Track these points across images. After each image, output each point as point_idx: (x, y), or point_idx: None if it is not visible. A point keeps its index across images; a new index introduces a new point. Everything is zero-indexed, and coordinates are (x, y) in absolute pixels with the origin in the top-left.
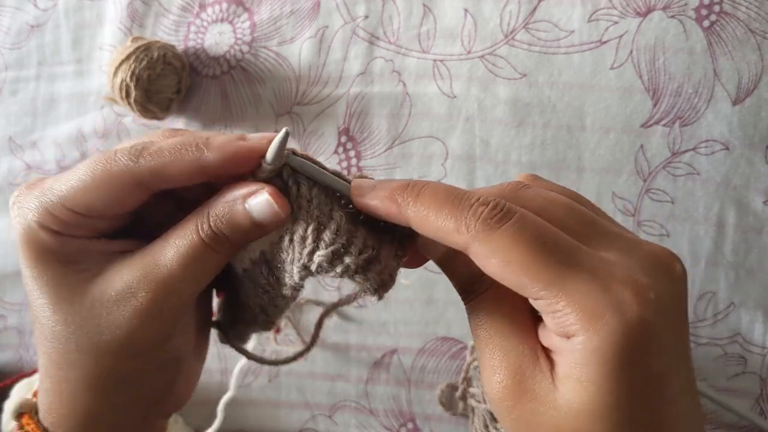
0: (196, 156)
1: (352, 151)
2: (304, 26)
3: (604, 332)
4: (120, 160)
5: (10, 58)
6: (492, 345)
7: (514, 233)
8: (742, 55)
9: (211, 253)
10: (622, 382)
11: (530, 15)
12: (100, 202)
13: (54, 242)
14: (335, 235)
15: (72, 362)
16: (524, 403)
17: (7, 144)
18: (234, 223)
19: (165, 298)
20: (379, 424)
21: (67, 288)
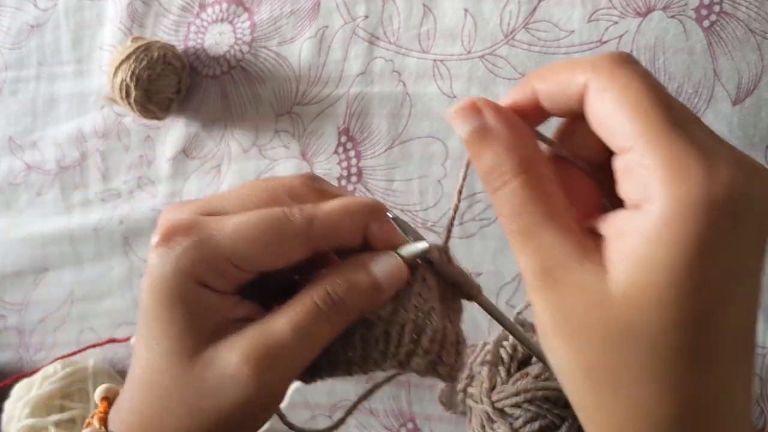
0: (363, 225)
1: (352, 151)
2: (304, 26)
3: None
4: (295, 220)
5: (10, 58)
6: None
7: (636, 75)
8: (742, 55)
9: (325, 321)
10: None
11: (530, 15)
12: (266, 259)
13: (193, 292)
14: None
15: (170, 412)
16: (565, 292)
17: (7, 144)
18: (352, 282)
19: (271, 371)
20: (379, 424)
21: (184, 345)
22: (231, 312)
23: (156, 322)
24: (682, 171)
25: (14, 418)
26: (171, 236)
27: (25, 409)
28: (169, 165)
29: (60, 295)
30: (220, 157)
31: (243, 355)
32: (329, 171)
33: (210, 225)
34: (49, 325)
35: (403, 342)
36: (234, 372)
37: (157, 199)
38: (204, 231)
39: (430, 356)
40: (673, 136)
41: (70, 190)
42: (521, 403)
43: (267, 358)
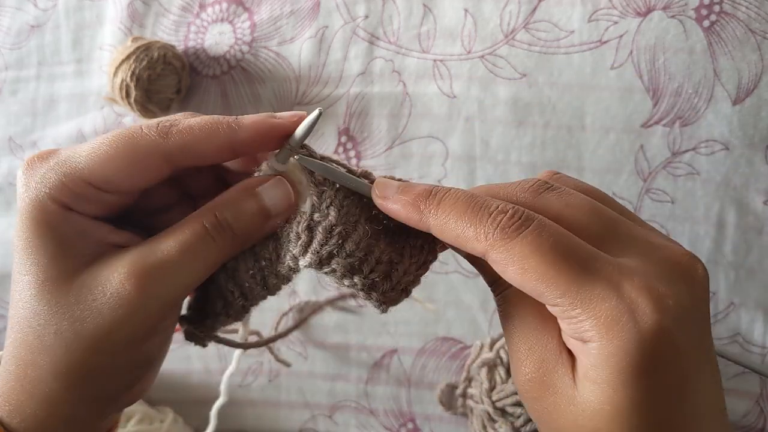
0: (228, 133)
1: (352, 151)
2: (304, 26)
3: (618, 340)
4: (148, 134)
5: (10, 58)
6: (519, 337)
7: (532, 242)
8: (742, 55)
9: (212, 243)
10: (639, 388)
11: (530, 15)
12: (123, 176)
13: (60, 217)
14: (355, 247)
15: (46, 347)
16: (547, 396)
17: (7, 144)
18: (240, 209)
19: (155, 288)
20: (379, 424)
21: (58, 269)
22: (106, 237)
23: (25, 253)
24: (608, 319)
25: None
26: (31, 164)
27: None
28: None
29: None
30: None
31: (125, 273)
32: None
33: (68, 150)
34: None
35: (330, 241)
36: (116, 289)
37: None
38: (62, 155)
39: (351, 260)
40: (587, 287)
41: None
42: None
43: (151, 274)
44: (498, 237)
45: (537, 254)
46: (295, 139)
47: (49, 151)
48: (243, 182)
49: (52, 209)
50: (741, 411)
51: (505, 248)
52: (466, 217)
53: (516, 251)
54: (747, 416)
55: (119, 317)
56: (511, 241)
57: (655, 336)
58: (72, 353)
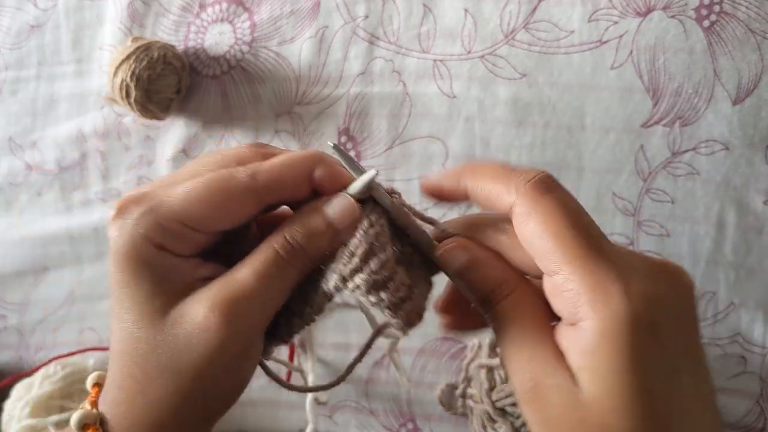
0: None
1: (352, 151)
2: (304, 26)
3: (612, 317)
4: (239, 177)
5: (10, 58)
6: (515, 350)
7: (558, 202)
8: (742, 55)
9: (287, 266)
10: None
11: (530, 15)
12: (217, 218)
13: (155, 256)
14: (381, 266)
15: (151, 379)
16: (550, 403)
17: (7, 144)
18: (309, 227)
19: (239, 317)
20: (379, 424)
21: (153, 306)
22: (195, 272)
23: (123, 292)
24: (605, 294)
25: (14, 418)
26: (124, 208)
27: (25, 409)
28: (169, 165)
29: (60, 295)
30: None
31: (209, 305)
32: None
33: (160, 193)
34: (49, 325)
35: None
36: (202, 322)
37: None
38: (155, 198)
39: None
40: (592, 261)
41: (70, 190)
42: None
43: (233, 305)
44: (528, 189)
45: (561, 213)
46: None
47: (142, 193)
48: (307, 204)
49: (147, 249)
50: (741, 411)
51: (532, 201)
52: (498, 176)
53: (542, 205)
54: (747, 416)
55: (211, 348)
56: (540, 195)
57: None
58: (174, 384)
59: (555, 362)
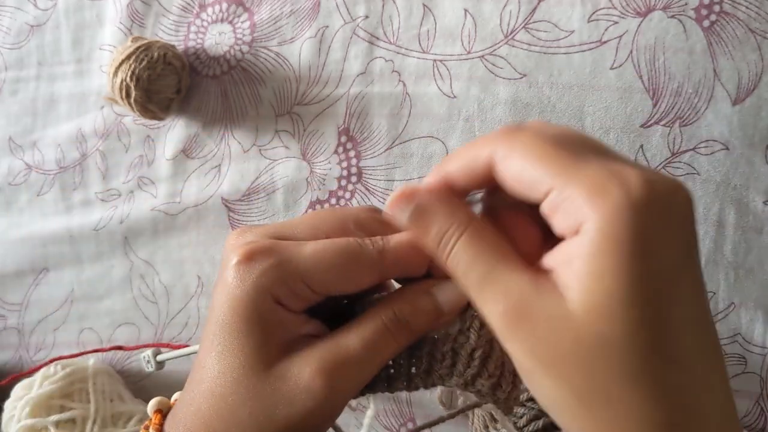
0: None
1: (352, 151)
2: (304, 26)
3: (613, 212)
4: (369, 252)
5: (10, 58)
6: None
7: (534, 134)
8: (742, 55)
9: (391, 339)
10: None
11: (530, 15)
12: (340, 285)
13: (271, 310)
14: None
15: (238, 422)
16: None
17: (7, 144)
18: (417, 307)
19: (342, 382)
20: (379, 424)
21: (260, 357)
22: (301, 329)
23: (233, 335)
24: (602, 188)
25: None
26: (253, 256)
27: (25, 409)
28: (169, 165)
29: (60, 295)
30: (220, 157)
31: (316, 369)
32: (329, 171)
33: (289, 248)
34: (49, 325)
35: (472, 364)
36: (307, 383)
37: (157, 199)
38: (284, 254)
39: (493, 380)
40: (582, 165)
41: (70, 190)
42: (524, 402)
43: (338, 370)
44: (503, 134)
45: (539, 141)
46: None
47: (271, 245)
48: (419, 282)
49: (266, 302)
50: (741, 411)
51: (509, 141)
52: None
53: (519, 140)
54: (747, 416)
55: (308, 408)
56: (515, 133)
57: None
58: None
59: (537, 283)
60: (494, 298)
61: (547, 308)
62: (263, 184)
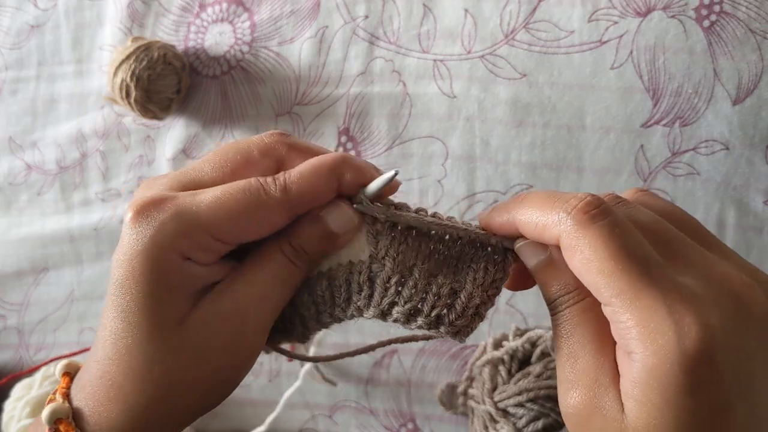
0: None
1: (353, 151)
2: (304, 26)
3: (662, 353)
4: (271, 191)
5: (10, 58)
6: (573, 359)
7: (603, 233)
8: (742, 55)
9: (293, 268)
10: (683, 408)
11: (530, 15)
12: (247, 231)
13: (177, 266)
14: (413, 291)
15: (154, 379)
16: (595, 421)
17: (7, 144)
18: (310, 234)
19: (254, 319)
20: (379, 424)
21: (170, 315)
22: (212, 277)
23: (136, 295)
24: (654, 330)
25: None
26: (145, 211)
27: (25, 408)
28: (169, 165)
29: (60, 295)
30: None
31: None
32: None
33: (187, 199)
34: (49, 325)
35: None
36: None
37: None
38: (180, 205)
39: (410, 305)
40: (642, 294)
41: (70, 190)
42: (524, 403)
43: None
44: (572, 221)
45: (605, 245)
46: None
47: (164, 197)
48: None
49: (171, 259)
50: None
51: (577, 234)
52: (546, 205)
53: (587, 238)
54: None
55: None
56: (584, 228)
57: (698, 354)
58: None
59: (610, 381)
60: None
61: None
62: None
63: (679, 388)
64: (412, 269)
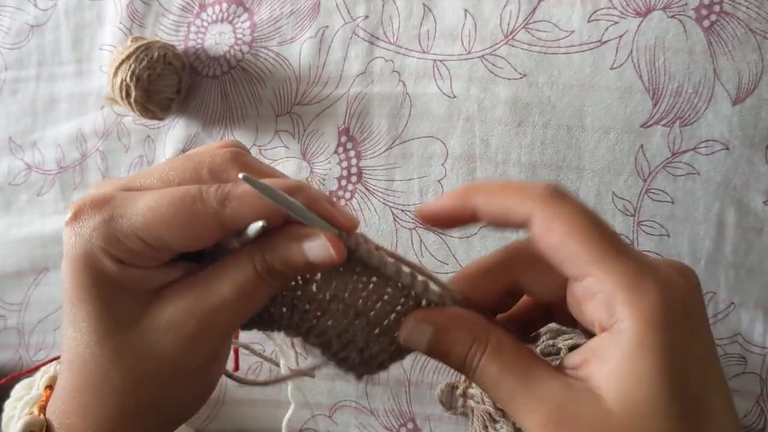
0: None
1: (352, 151)
2: (304, 26)
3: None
4: (208, 202)
5: (10, 58)
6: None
7: (577, 206)
8: (742, 55)
9: (264, 285)
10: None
11: (530, 15)
12: (178, 240)
13: (115, 271)
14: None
15: (112, 388)
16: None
17: (7, 144)
18: (288, 259)
19: (214, 326)
20: (379, 424)
21: (118, 318)
22: (162, 278)
23: (82, 301)
24: (641, 290)
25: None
26: (80, 213)
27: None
28: None
29: (60, 295)
30: None
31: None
32: (329, 171)
33: (123, 202)
34: (49, 325)
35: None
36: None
37: None
38: (116, 208)
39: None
40: (622, 259)
41: (70, 190)
42: None
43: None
44: (546, 197)
45: (582, 215)
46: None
47: (102, 197)
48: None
49: (105, 262)
50: (741, 411)
51: (552, 207)
52: (510, 190)
53: (564, 210)
54: (747, 416)
55: (182, 354)
56: (559, 200)
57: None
58: (138, 390)
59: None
60: (528, 409)
61: (585, 410)
62: None
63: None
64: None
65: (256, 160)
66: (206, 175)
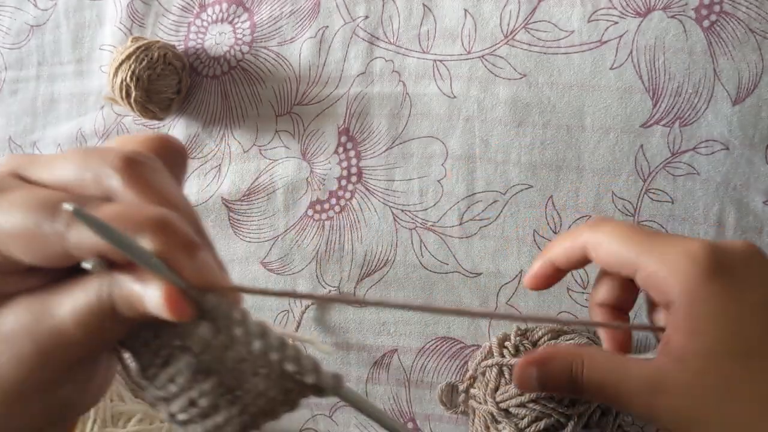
0: None
1: (352, 151)
2: (304, 26)
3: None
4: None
5: (10, 58)
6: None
7: (615, 222)
8: (742, 55)
9: (108, 321)
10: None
11: (530, 15)
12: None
13: None
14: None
15: None
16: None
17: (7, 144)
18: (130, 302)
19: (52, 352)
20: None
21: None
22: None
23: None
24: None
25: None
26: None
27: None
28: None
29: None
30: (220, 157)
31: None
32: (329, 171)
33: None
34: None
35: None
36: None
37: None
38: None
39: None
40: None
41: None
42: (526, 403)
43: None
44: (591, 224)
45: (623, 227)
46: None
47: None
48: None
49: None
50: None
51: (597, 229)
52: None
53: (607, 228)
54: None
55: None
56: (601, 224)
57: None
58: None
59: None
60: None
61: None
62: (263, 184)
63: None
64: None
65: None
66: (89, 181)
